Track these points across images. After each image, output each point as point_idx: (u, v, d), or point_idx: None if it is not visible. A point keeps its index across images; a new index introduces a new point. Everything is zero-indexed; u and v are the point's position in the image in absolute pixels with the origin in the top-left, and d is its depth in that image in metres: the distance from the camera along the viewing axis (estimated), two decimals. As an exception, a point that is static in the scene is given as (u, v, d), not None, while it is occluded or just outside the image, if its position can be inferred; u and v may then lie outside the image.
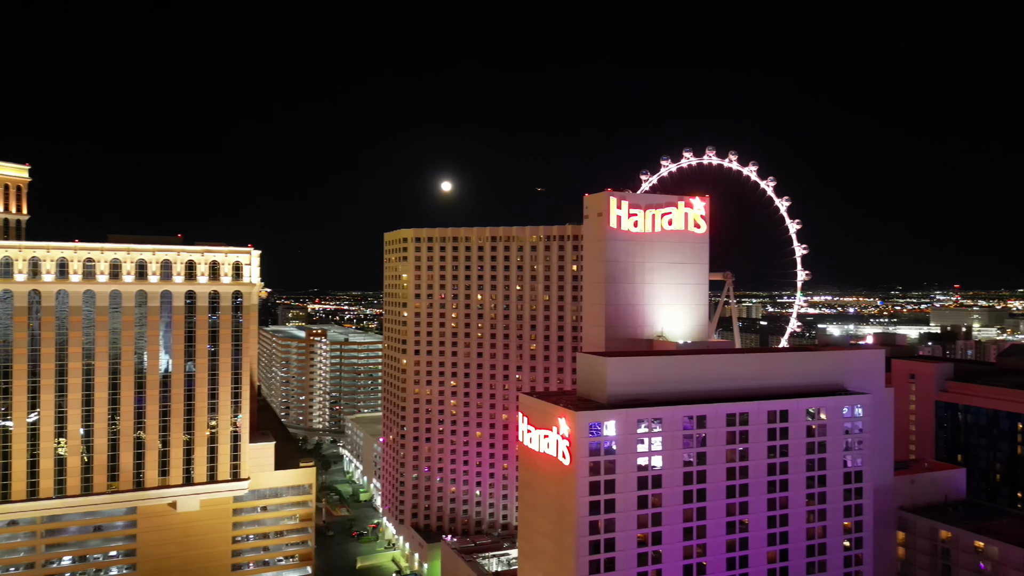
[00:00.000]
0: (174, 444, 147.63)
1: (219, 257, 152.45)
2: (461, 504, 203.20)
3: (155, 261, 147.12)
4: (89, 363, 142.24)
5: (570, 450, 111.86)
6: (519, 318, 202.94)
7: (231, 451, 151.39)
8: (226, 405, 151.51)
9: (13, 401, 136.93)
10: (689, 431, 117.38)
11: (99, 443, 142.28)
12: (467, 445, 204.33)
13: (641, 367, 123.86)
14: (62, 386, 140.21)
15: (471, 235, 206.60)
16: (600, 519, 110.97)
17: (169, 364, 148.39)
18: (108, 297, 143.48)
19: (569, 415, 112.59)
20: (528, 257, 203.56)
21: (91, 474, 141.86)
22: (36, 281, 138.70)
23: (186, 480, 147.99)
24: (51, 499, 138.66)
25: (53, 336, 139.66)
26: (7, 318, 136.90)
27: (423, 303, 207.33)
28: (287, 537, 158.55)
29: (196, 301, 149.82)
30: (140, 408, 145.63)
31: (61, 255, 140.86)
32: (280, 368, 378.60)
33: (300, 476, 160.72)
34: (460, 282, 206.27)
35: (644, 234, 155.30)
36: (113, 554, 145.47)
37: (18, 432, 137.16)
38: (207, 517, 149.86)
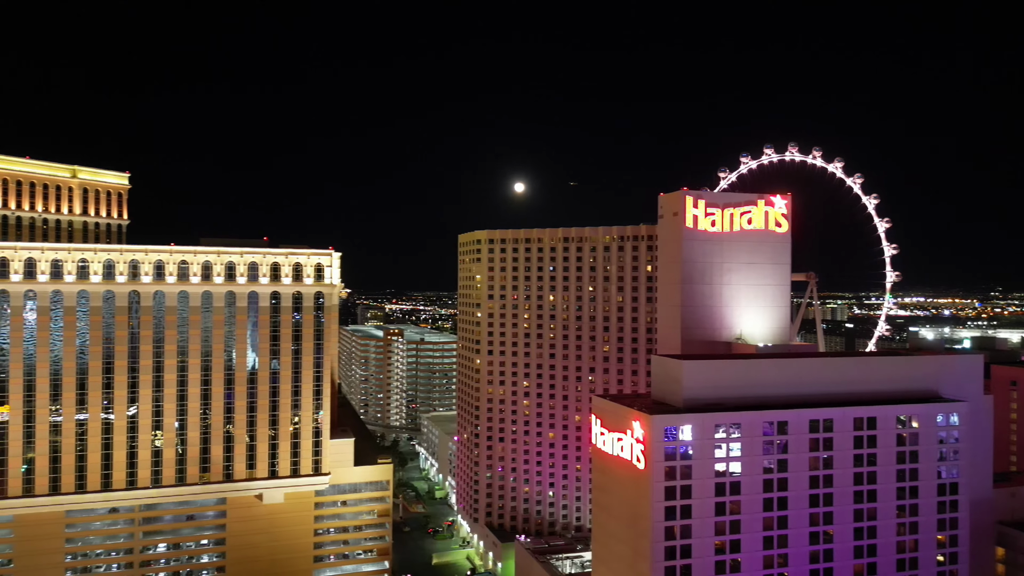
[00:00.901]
0: (260, 438, 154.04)
1: (302, 259, 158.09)
2: (535, 504, 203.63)
3: (243, 263, 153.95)
4: (183, 360, 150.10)
5: (644, 454, 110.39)
6: (592, 319, 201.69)
7: (313, 446, 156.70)
8: (308, 402, 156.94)
9: (115, 395, 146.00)
10: (769, 437, 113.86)
11: (192, 436, 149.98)
12: (540, 446, 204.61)
13: (719, 370, 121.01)
14: (159, 381, 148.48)
15: (543, 236, 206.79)
16: (676, 525, 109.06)
17: (256, 362, 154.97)
18: (200, 297, 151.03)
19: (643, 418, 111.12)
20: (601, 258, 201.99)
21: (185, 465, 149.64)
22: (135, 282, 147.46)
23: (271, 473, 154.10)
24: (148, 488, 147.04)
25: (151, 334, 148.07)
26: (110, 317, 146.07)
27: (496, 304, 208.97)
28: (366, 532, 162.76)
29: (281, 301, 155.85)
30: (229, 403, 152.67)
31: (158, 258, 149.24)
32: (359, 366, 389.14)
33: (378, 472, 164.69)
34: (532, 283, 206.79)
35: (722, 234, 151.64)
36: (204, 543, 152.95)
37: (119, 424, 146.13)
38: (291, 510, 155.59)
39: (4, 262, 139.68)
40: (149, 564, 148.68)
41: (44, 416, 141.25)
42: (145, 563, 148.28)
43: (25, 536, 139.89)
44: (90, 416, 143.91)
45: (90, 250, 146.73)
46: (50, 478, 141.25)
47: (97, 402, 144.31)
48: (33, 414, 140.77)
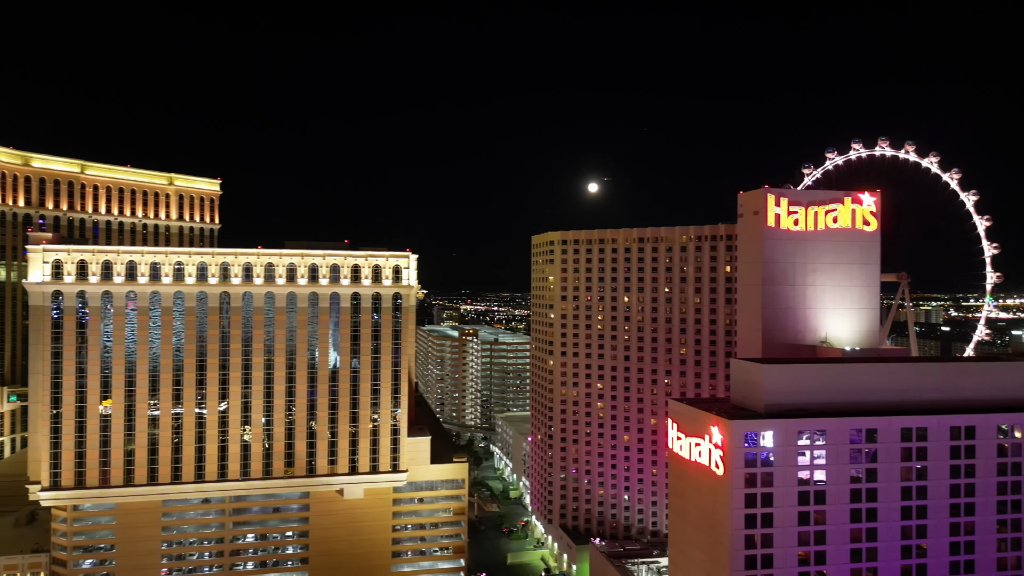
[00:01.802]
0: (341, 435, 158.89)
1: (381, 261, 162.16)
2: (609, 508, 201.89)
3: (325, 265, 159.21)
4: (269, 358, 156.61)
5: (723, 460, 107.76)
6: (668, 321, 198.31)
7: (391, 444, 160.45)
8: (387, 400, 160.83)
9: (207, 391, 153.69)
10: (857, 445, 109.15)
11: (278, 431, 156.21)
12: (615, 449, 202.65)
13: (802, 374, 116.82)
14: (247, 378, 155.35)
15: (618, 237, 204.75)
16: (756, 533, 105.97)
17: (337, 360, 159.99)
18: (285, 298, 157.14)
19: (722, 423, 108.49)
20: (678, 258, 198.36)
21: (271, 459, 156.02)
22: (226, 284, 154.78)
23: (351, 469, 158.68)
24: (238, 481, 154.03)
25: (240, 333, 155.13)
26: (203, 317, 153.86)
27: (569, 305, 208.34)
28: (442, 529, 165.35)
29: (360, 302, 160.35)
30: (312, 400, 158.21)
31: (247, 260, 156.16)
32: (435, 366, 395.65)
33: (454, 471, 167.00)
34: (607, 284, 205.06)
35: (806, 233, 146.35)
36: (289, 534, 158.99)
37: (211, 419, 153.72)
38: (370, 505, 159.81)
39: (108, 265, 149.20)
40: (238, 553, 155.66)
41: (143, 410, 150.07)
42: (234, 552, 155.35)
43: (125, 523, 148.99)
44: (184, 411, 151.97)
45: (185, 253, 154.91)
46: (148, 469, 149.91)
47: (191, 397, 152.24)
48: (133, 408, 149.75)
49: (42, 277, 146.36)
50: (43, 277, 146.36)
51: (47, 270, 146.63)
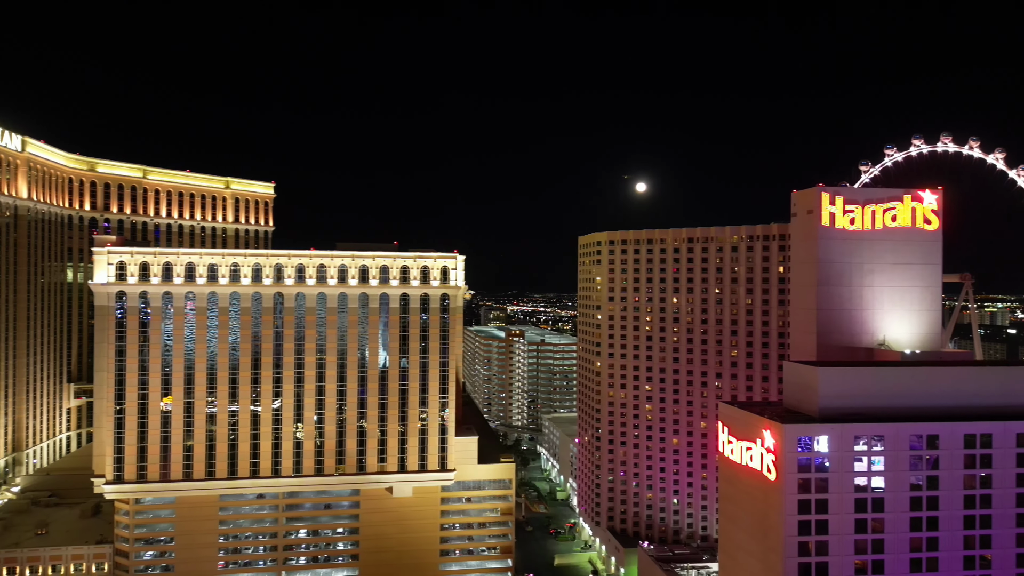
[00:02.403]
0: (390, 434, 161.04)
1: (429, 262, 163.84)
2: (658, 511, 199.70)
3: (375, 267, 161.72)
4: (321, 357, 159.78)
5: (776, 464, 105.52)
6: (718, 322, 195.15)
7: (439, 443, 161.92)
8: (435, 399, 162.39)
9: (261, 389, 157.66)
10: (917, 451, 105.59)
11: (329, 430, 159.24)
12: (664, 451, 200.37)
13: (859, 378, 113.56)
14: (299, 377, 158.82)
15: (666, 236, 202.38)
16: (811, 540, 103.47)
17: (386, 360, 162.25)
18: (336, 299, 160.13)
19: (775, 427, 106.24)
20: (728, 258, 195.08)
21: (322, 457, 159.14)
22: (279, 285, 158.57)
23: (400, 468, 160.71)
24: (291, 477, 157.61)
25: (293, 333, 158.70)
26: (257, 316, 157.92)
27: (617, 306, 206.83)
28: (489, 529, 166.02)
29: (409, 302, 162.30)
30: (362, 399, 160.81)
31: (299, 262, 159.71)
32: (482, 366, 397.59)
33: (501, 471, 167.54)
34: (655, 285, 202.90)
35: (862, 232, 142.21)
36: (340, 531, 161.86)
37: (265, 417, 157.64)
38: (418, 504, 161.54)
39: (168, 266, 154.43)
40: (291, 548, 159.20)
41: (201, 407, 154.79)
42: (287, 547, 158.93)
43: (184, 517, 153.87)
44: (240, 408, 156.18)
45: (240, 255, 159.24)
46: (206, 464, 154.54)
47: (246, 395, 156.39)
48: (192, 405, 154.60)
49: (107, 278, 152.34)
50: (107, 278, 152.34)
51: (111, 271, 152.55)
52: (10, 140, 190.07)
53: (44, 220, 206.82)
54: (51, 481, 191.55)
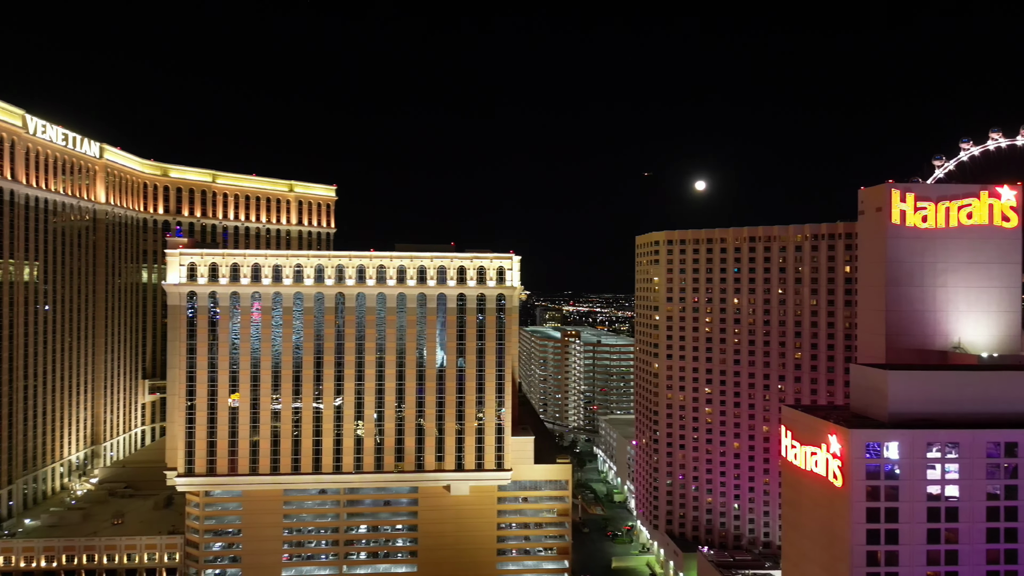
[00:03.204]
0: (448, 432, 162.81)
1: (485, 263, 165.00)
2: (718, 516, 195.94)
3: (432, 267, 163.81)
4: (381, 356, 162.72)
5: (842, 471, 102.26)
6: (781, 324, 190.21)
7: (496, 442, 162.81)
8: (491, 399, 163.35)
9: (324, 387, 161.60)
10: (995, 460, 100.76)
11: (388, 427, 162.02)
12: (724, 455, 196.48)
13: (931, 382, 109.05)
14: (360, 375, 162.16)
15: (727, 236, 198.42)
16: (880, 550, 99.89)
17: (443, 359, 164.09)
18: (396, 299, 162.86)
19: (841, 432, 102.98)
20: (792, 258, 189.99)
21: (382, 454, 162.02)
22: (341, 285, 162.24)
23: (458, 466, 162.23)
24: (351, 474, 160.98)
25: (354, 332, 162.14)
26: (320, 316, 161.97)
27: (675, 306, 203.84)
28: (546, 529, 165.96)
29: (466, 303, 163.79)
30: (420, 398, 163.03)
31: (360, 263, 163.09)
32: (538, 366, 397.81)
33: (557, 471, 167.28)
34: (715, 285, 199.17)
35: (935, 230, 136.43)
36: (399, 527, 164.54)
37: (327, 414, 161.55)
38: (475, 503, 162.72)
39: (236, 267, 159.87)
40: (352, 543, 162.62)
41: (267, 404, 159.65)
42: (348, 542, 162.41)
43: (251, 510, 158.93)
44: (303, 405, 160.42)
45: (304, 256, 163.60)
46: (271, 459, 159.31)
47: (309, 393, 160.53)
48: (258, 402, 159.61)
49: (178, 279, 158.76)
50: (179, 279, 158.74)
51: (183, 272, 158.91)
52: (89, 147, 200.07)
53: (120, 223, 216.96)
54: (127, 473, 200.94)
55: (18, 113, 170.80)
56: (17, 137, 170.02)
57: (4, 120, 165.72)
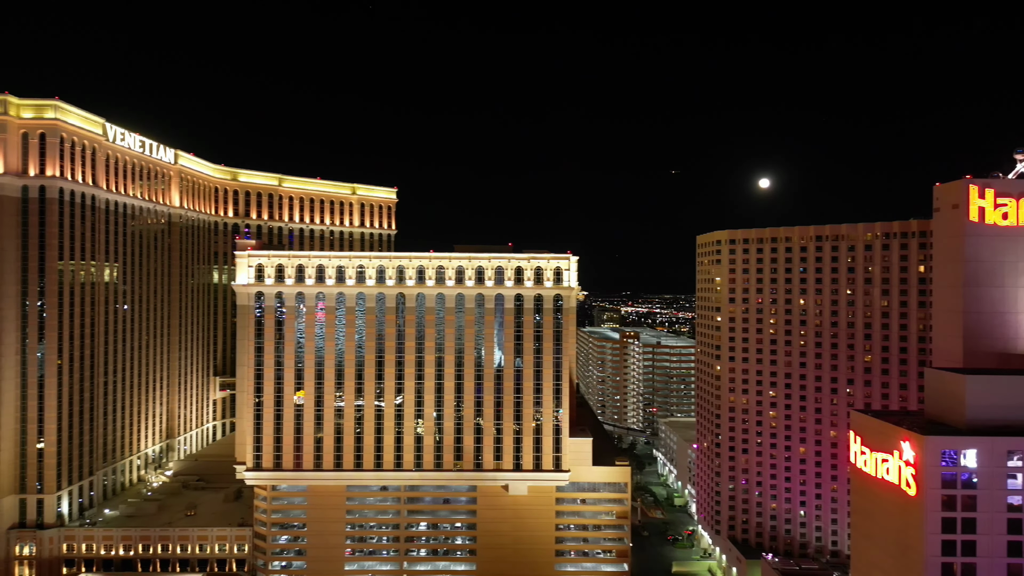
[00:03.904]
0: (506, 432, 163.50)
1: (542, 263, 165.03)
2: (783, 522, 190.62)
3: (490, 268, 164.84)
4: (440, 355, 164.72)
5: (916, 479, 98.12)
6: (850, 325, 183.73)
7: (553, 443, 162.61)
8: (549, 399, 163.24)
9: (385, 386, 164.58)
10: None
11: (447, 426, 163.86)
12: (789, 460, 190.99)
13: (1013, 387, 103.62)
14: (420, 374, 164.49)
15: (792, 235, 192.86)
16: (956, 562, 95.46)
17: (501, 359, 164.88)
18: (454, 299, 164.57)
19: (915, 439, 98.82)
20: (861, 257, 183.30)
21: (441, 452, 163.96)
22: (401, 286, 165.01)
23: (516, 466, 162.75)
24: (411, 471, 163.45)
25: (414, 332, 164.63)
26: (381, 316, 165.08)
27: (738, 307, 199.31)
28: (604, 532, 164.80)
29: (523, 303, 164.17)
30: (479, 397, 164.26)
31: (419, 263, 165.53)
32: (596, 368, 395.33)
33: (616, 474, 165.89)
34: (779, 285, 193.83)
35: (1017, 228, 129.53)
36: (458, 525, 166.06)
37: (388, 412, 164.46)
38: (533, 503, 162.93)
39: (301, 268, 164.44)
40: (412, 540, 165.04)
41: (330, 401, 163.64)
42: (409, 538, 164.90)
43: (315, 504, 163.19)
44: (365, 403, 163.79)
45: (366, 257, 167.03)
46: (334, 456, 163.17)
47: (371, 391, 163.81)
48: (322, 399, 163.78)
49: (247, 279, 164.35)
50: (248, 279, 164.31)
51: (251, 273, 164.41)
52: (164, 153, 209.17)
53: (193, 226, 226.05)
54: (199, 466, 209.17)
55: (98, 122, 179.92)
56: (98, 145, 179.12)
57: (86, 128, 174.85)
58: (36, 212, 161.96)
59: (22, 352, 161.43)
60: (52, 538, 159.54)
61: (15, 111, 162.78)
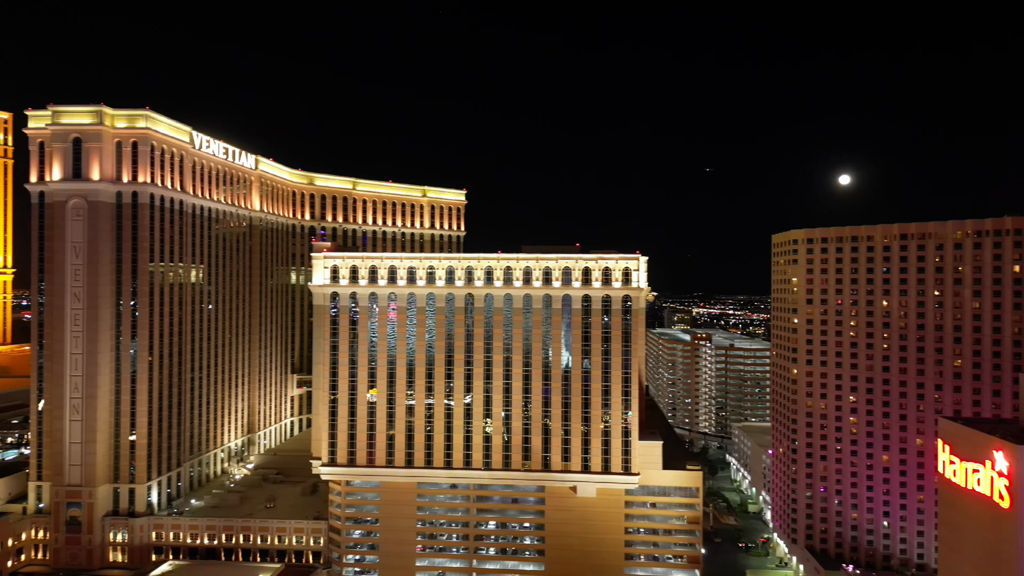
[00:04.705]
0: (574, 433, 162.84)
1: (611, 264, 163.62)
2: (864, 533, 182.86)
3: (557, 268, 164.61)
4: (507, 356, 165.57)
5: (1010, 490, 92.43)
6: (938, 328, 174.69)
7: (622, 445, 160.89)
8: (617, 401, 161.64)
9: (454, 385, 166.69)
10: None
11: (515, 426, 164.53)
12: (871, 468, 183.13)
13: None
14: (488, 374, 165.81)
15: (874, 233, 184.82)
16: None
17: (569, 360, 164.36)
18: (522, 299, 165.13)
19: (1009, 448, 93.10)
20: (951, 257, 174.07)
21: (509, 452, 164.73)
22: (470, 286, 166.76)
23: (584, 468, 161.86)
24: (480, 470, 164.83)
25: (482, 332, 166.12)
26: (450, 316, 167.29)
27: (816, 309, 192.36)
28: (675, 537, 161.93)
29: (591, 304, 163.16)
30: (546, 398, 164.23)
31: (488, 264, 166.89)
32: (666, 370, 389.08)
33: (687, 478, 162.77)
34: (860, 286, 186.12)
35: None
36: (527, 525, 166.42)
37: (457, 411, 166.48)
38: (602, 505, 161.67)
39: (374, 269, 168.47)
40: (481, 539, 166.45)
41: (401, 400, 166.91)
42: (478, 537, 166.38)
43: (387, 500, 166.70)
44: (435, 402, 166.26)
45: (436, 258, 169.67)
46: (406, 453, 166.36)
47: (440, 390, 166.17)
48: (393, 397, 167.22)
49: (323, 280, 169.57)
50: (323, 280, 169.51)
51: (326, 274, 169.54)
52: (246, 159, 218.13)
53: (272, 229, 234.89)
54: (277, 460, 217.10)
55: (185, 130, 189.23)
56: (185, 152, 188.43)
57: (174, 137, 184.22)
58: (129, 217, 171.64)
59: (116, 349, 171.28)
60: (143, 526, 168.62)
61: (109, 121, 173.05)
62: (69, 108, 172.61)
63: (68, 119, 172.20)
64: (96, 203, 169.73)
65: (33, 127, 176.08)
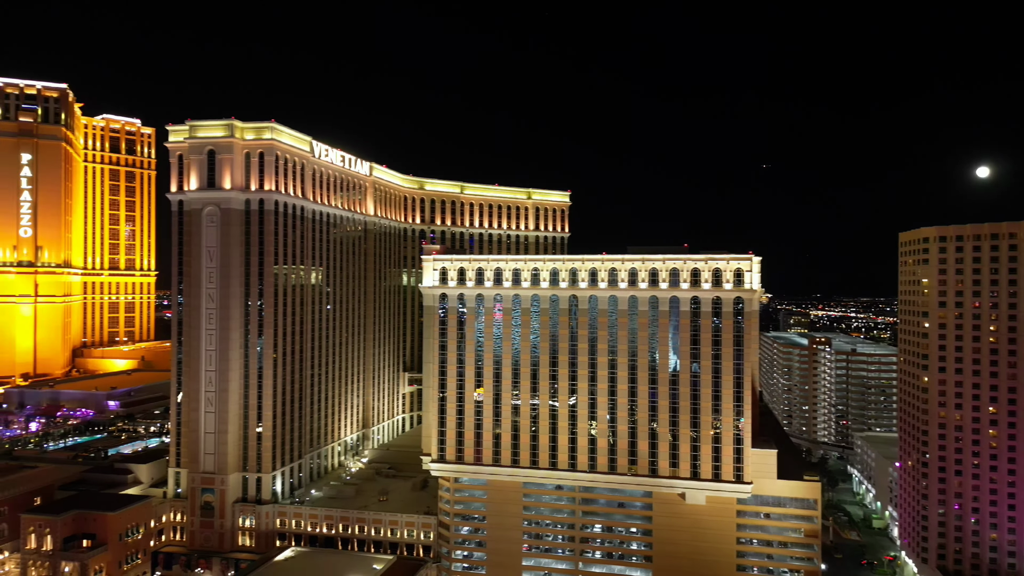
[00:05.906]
0: (682, 439, 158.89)
1: (721, 265, 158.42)
2: (1005, 555, 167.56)
3: (665, 270, 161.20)
4: (613, 358, 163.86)
5: None
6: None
7: (734, 453, 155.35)
8: (728, 407, 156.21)
9: (559, 386, 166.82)
10: None
11: (621, 429, 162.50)
12: (1013, 487, 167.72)
13: None
14: (593, 376, 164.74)
15: (1017, 230, 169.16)
16: None
17: (677, 364, 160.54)
18: (627, 301, 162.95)
19: None
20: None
21: (615, 456, 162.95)
22: (574, 288, 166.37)
23: (693, 474, 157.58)
24: (585, 472, 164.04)
25: (586, 333, 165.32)
26: (555, 317, 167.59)
27: (949, 312, 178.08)
28: (791, 550, 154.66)
29: (700, 306, 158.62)
30: (653, 402, 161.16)
31: (592, 266, 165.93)
32: (781, 375, 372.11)
33: (804, 489, 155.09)
34: (1001, 288, 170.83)
35: None
36: (633, 530, 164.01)
37: (562, 412, 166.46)
38: (712, 514, 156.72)
39: (480, 271, 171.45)
40: (587, 541, 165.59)
41: (507, 399, 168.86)
42: (584, 540, 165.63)
43: (494, 499, 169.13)
44: (540, 402, 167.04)
45: (540, 260, 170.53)
46: (511, 452, 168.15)
47: (545, 391, 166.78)
48: (500, 397, 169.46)
49: (432, 282, 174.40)
50: (433, 282, 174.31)
51: (436, 276, 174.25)
52: (361, 167, 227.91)
53: (385, 232, 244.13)
54: (390, 455, 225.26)
55: (306, 140, 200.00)
56: (306, 161, 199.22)
57: (296, 147, 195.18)
58: (256, 223, 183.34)
59: (244, 347, 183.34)
60: (268, 513, 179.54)
61: (239, 134, 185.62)
62: (204, 122, 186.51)
63: (203, 132, 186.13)
64: (228, 210, 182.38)
65: (173, 141, 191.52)
